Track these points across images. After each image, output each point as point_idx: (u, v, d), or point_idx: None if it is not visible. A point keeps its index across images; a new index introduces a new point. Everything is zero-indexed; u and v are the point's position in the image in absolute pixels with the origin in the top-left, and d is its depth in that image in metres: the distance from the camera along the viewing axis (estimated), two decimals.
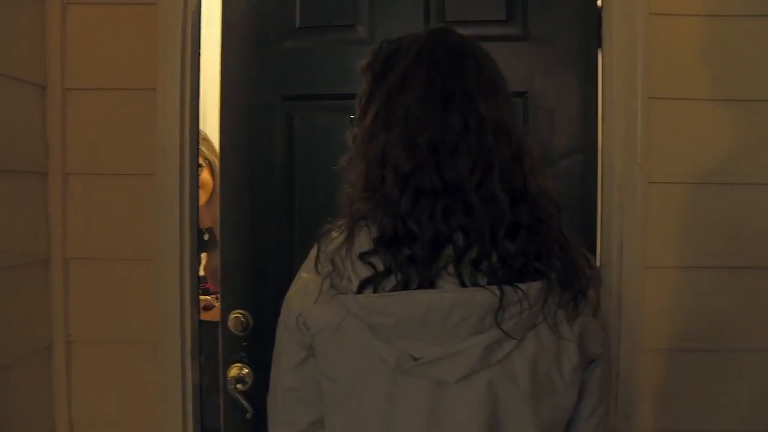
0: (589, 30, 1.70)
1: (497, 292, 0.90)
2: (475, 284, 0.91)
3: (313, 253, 1.00)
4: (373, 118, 0.99)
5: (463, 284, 0.91)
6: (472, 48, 1.02)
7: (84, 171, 1.68)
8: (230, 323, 1.68)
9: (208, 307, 2.32)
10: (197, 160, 1.75)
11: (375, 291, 0.92)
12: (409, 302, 0.90)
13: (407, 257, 0.91)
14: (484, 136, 0.95)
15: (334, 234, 0.98)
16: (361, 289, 0.91)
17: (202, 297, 2.25)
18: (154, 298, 1.66)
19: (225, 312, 1.70)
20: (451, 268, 0.92)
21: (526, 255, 0.93)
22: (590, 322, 1.01)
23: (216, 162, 2.35)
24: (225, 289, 1.72)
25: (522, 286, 0.91)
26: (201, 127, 2.51)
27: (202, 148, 2.31)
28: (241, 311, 1.70)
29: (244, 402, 1.69)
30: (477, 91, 0.97)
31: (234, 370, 1.70)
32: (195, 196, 1.73)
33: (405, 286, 0.90)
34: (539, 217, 0.96)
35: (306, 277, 1.01)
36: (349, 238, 0.94)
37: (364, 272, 0.91)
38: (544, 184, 0.99)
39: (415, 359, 0.92)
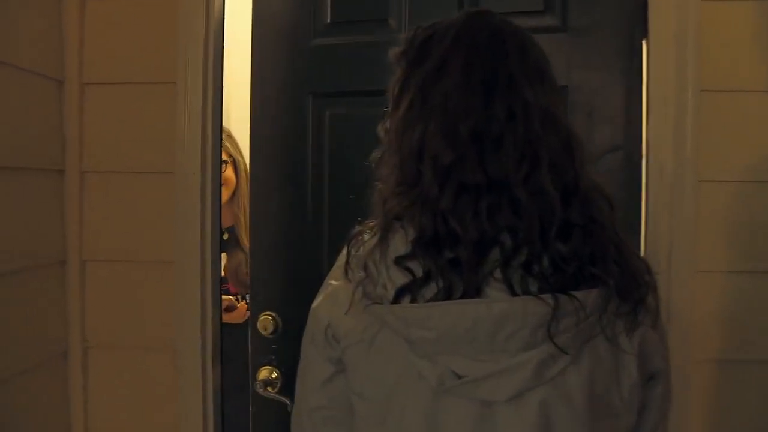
0: (634, 19, 1.60)
1: (551, 301, 0.80)
2: (526, 291, 0.82)
3: (342, 257, 0.92)
4: (407, 108, 0.91)
5: (512, 291, 0.82)
6: (515, 31, 0.93)
7: (102, 169, 1.62)
8: (259, 325, 1.64)
9: (230, 308, 2.26)
10: (220, 158, 1.68)
11: (413, 300, 0.83)
12: (454, 314, 0.81)
13: (449, 261, 0.82)
14: (531, 125, 0.86)
15: (366, 236, 0.90)
16: (397, 298, 0.83)
17: (223, 297, 2.19)
18: (173, 303, 1.59)
19: (254, 314, 1.65)
20: (498, 274, 0.83)
21: (580, 258, 0.84)
22: (650, 333, 0.91)
23: (240, 159, 2.32)
24: (254, 290, 1.68)
25: (578, 294, 0.82)
26: (224, 123, 2.49)
27: (227, 144, 2.29)
28: (270, 313, 1.65)
29: (283, 399, 1.63)
30: (522, 76, 0.88)
31: (263, 373, 1.65)
32: (218, 196, 1.65)
33: (447, 294, 0.81)
34: (592, 215, 0.87)
35: (335, 284, 0.92)
36: (383, 241, 0.86)
37: (401, 279, 0.83)
38: (594, 178, 0.90)
39: (460, 377, 0.83)
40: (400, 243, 0.85)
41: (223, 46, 1.66)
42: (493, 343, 0.81)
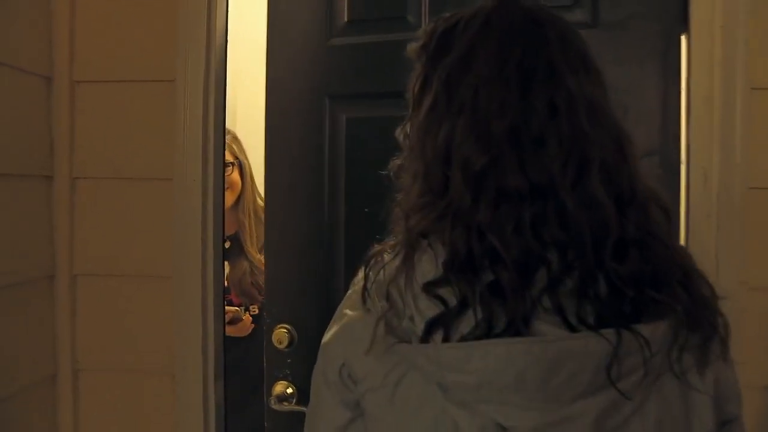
0: (671, 12, 1.49)
1: (613, 338, 0.67)
2: (583, 323, 0.69)
3: (358, 282, 0.79)
4: (430, 107, 0.79)
5: (568, 324, 0.69)
6: (552, 16, 0.82)
7: (94, 175, 1.49)
8: (274, 338, 1.56)
9: (234, 321, 2.14)
10: (223, 162, 1.55)
11: (447, 334, 0.70)
12: (500, 355, 0.67)
13: (489, 285, 0.69)
14: (577, 120, 0.74)
15: (387, 257, 0.78)
16: (428, 333, 0.70)
17: (227, 308, 2.07)
18: (172, 323, 1.45)
19: (269, 327, 1.58)
20: (546, 301, 0.70)
21: (641, 280, 0.71)
22: (724, 370, 0.78)
23: (246, 162, 2.22)
24: (269, 302, 1.60)
25: (644, 329, 0.69)
26: (229, 126, 2.38)
27: (233, 146, 2.20)
28: (285, 326, 1.56)
29: (300, 408, 1.53)
30: (564, 64, 0.76)
31: (278, 387, 1.56)
32: (220, 205, 1.52)
33: (488, 326, 0.69)
34: (650, 228, 0.74)
35: (351, 315, 0.78)
36: (407, 263, 0.73)
37: (431, 309, 0.71)
38: (648, 183, 0.78)
39: (504, 429, 0.69)
40: (428, 265, 0.73)
41: (226, 42, 1.53)
42: (545, 389, 0.68)
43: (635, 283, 0.70)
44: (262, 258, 2.25)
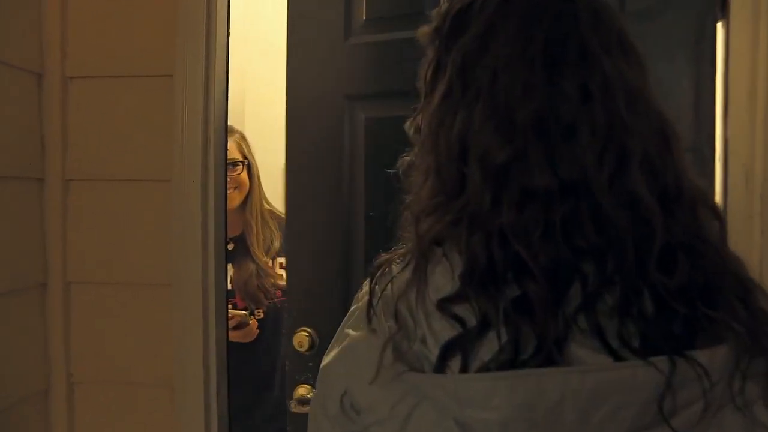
0: None
1: (666, 366, 0.57)
2: (627, 347, 0.58)
3: (363, 296, 0.69)
4: (443, 96, 0.69)
5: (608, 349, 0.58)
6: None
7: (88, 176, 1.40)
8: (295, 342, 1.54)
9: (240, 326, 2.05)
10: (225, 163, 1.45)
11: (465, 360, 0.59)
12: (530, 388, 0.57)
13: (514, 301, 0.59)
14: (614, 107, 0.64)
15: (395, 268, 0.68)
16: (443, 359, 0.60)
17: (233, 312, 1.99)
18: (171, 333, 1.36)
19: (290, 330, 1.56)
20: (582, 320, 0.59)
21: (692, 295, 0.60)
22: None
23: (254, 162, 2.14)
24: (290, 306, 1.59)
25: (701, 356, 0.58)
26: (237, 125, 2.30)
27: (242, 144, 2.12)
28: (306, 329, 1.54)
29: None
30: (597, 43, 0.66)
31: (300, 391, 1.54)
32: (222, 207, 1.43)
33: (514, 350, 0.58)
34: (699, 233, 0.64)
35: (354, 336, 0.68)
36: (419, 275, 0.63)
37: (447, 331, 0.60)
38: (695, 180, 0.68)
39: None
40: (442, 278, 0.63)
41: (228, 34, 1.43)
42: (584, 425, 0.57)
43: (686, 298, 0.60)
44: (268, 260, 2.17)
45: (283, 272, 2.16)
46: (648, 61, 0.78)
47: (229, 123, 2.18)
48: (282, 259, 2.19)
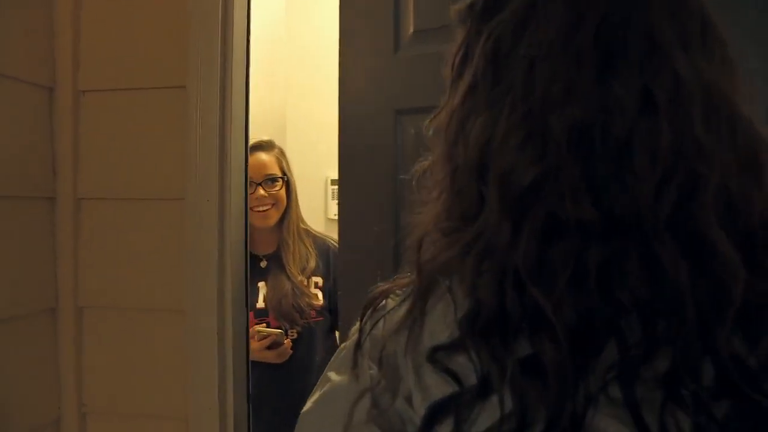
0: None
1: None
2: (667, 428, 0.44)
3: (352, 335, 0.58)
4: (467, 91, 0.55)
5: (641, 427, 0.44)
6: None
7: (101, 195, 1.32)
8: None
9: (275, 345, 1.95)
10: (246, 179, 1.36)
11: (458, 428, 0.47)
12: None
13: (524, 362, 0.46)
14: (686, 121, 0.48)
15: (391, 302, 0.56)
16: (429, 424, 0.48)
17: (266, 330, 1.92)
18: (186, 364, 1.27)
19: (343, 341, 1.43)
20: (615, 389, 0.45)
21: None
22: None
23: (292, 179, 2.08)
24: (343, 322, 1.57)
25: None
26: (279, 140, 2.23)
27: (281, 160, 2.08)
28: None
29: None
30: (671, 34, 0.50)
31: None
32: (242, 229, 1.33)
33: (520, 424, 0.45)
34: None
35: (336, 382, 0.57)
36: (414, 314, 0.52)
37: (439, 387, 0.49)
38: None
39: None
40: (439, 322, 0.51)
41: (248, 43, 1.34)
42: None
43: (764, 373, 0.44)
44: (304, 279, 2.08)
45: (317, 292, 2.07)
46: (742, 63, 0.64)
47: (268, 137, 2.14)
48: (317, 279, 2.10)
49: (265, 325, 1.99)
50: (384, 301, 0.57)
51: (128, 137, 1.29)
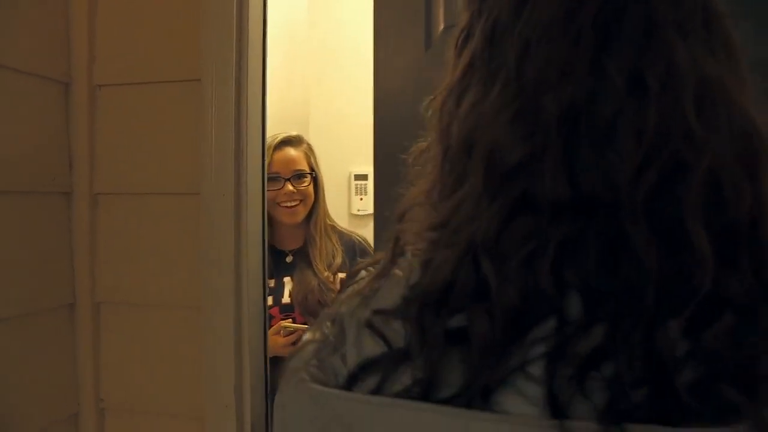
0: None
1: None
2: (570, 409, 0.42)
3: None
4: (464, 70, 0.55)
5: (553, 405, 0.42)
6: None
7: (118, 190, 1.31)
8: None
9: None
10: (263, 174, 1.33)
11: (380, 387, 0.47)
12: (404, 424, 0.45)
13: (451, 332, 0.46)
14: (676, 104, 0.46)
15: (364, 273, 0.59)
16: (354, 378, 0.49)
17: (292, 325, 1.90)
18: (202, 361, 1.25)
19: None
20: (536, 367, 0.43)
21: (719, 369, 0.42)
22: None
23: (320, 174, 2.06)
24: None
25: None
26: (304, 134, 2.21)
27: (310, 155, 2.05)
28: None
29: None
30: (670, 18, 0.48)
31: None
32: (260, 224, 1.31)
33: (426, 388, 0.45)
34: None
35: (307, 337, 0.58)
36: (372, 283, 0.54)
37: (372, 349, 0.49)
38: None
39: None
40: (392, 288, 0.51)
41: (265, 34, 1.31)
42: None
43: (712, 374, 0.41)
44: (330, 275, 2.05)
45: None
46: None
47: (296, 132, 2.12)
48: (343, 275, 2.07)
49: (291, 320, 1.98)
50: (362, 272, 0.58)
51: (144, 131, 1.28)
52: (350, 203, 3.13)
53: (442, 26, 1.43)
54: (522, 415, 0.42)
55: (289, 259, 2.04)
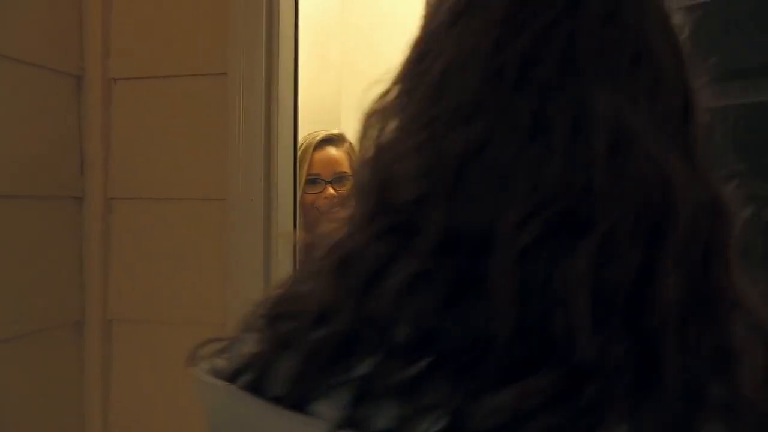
0: None
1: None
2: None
3: None
4: (395, 91, 0.54)
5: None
6: None
7: (133, 195, 1.21)
8: None
9: None
10: (295, 176, 1.22)
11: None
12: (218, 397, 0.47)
13: (285, 335, 0.46)
14: (584, 155, 0.44)
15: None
16: (237, 374, 0.49)
17: None
18: None
19: None
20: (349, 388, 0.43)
21: None
22: None
23: None
24: None
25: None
26: (334, 129, 2.08)
27: (351, 156, 1.89)
28: None
29: None
30: (593, 58, 0.46)
31: None
32: (290, 232, 1.20)
33: (255, 387, 0.46)
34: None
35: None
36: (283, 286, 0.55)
37: (250, 347, 0.51)
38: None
39: None
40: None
41: (296, 20, 1.20)
42: None
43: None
44: None
45: None
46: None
47: (337, 131, 1.98)
48: None
49: None
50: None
51: (163, 130, 1.19)
52: None
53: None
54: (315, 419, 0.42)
55: None
